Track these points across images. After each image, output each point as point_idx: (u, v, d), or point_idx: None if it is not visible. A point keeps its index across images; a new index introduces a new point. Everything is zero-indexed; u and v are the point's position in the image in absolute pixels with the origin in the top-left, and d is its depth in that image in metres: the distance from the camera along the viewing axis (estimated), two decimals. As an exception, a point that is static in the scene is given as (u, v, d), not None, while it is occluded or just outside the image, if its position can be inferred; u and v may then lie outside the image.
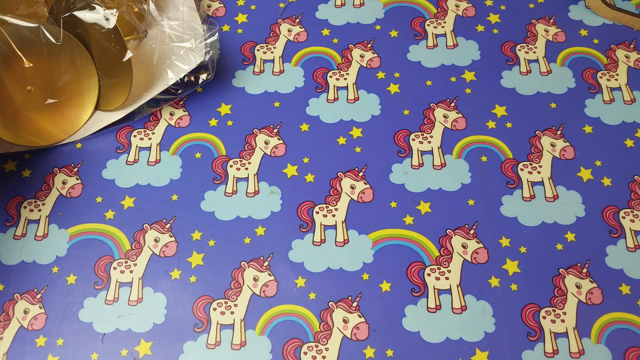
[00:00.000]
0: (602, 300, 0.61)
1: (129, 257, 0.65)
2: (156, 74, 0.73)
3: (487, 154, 0.70)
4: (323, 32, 0.80)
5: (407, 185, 0.69)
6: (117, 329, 0.61)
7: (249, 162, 0.71)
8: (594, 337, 0.59)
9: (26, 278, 0.64)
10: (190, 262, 0.65)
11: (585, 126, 0.72)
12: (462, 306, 0.61)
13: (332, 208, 0.67)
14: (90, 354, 0.60)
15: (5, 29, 0.66)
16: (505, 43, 0.79)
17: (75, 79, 0.71)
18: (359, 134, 0.72)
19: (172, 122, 0.74)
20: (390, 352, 0.59)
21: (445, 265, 0.63)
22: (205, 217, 0.67)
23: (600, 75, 0.76)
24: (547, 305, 0.61)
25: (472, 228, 0.66)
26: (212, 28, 0.73)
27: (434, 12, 0.82)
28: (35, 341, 0.61)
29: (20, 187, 0.70)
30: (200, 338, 0.61)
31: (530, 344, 0.59)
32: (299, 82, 0.76)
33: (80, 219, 0.67)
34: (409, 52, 0.79)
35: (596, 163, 0.69)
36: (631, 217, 0.66)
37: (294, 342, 0.60)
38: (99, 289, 0.63)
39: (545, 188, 0.68)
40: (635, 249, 0.64)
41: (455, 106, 0.74)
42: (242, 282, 0.63)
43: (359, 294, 0.62)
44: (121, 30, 0.67)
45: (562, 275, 0.63)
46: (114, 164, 0.71)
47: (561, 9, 0.81)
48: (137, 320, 0.62)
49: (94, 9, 0.67)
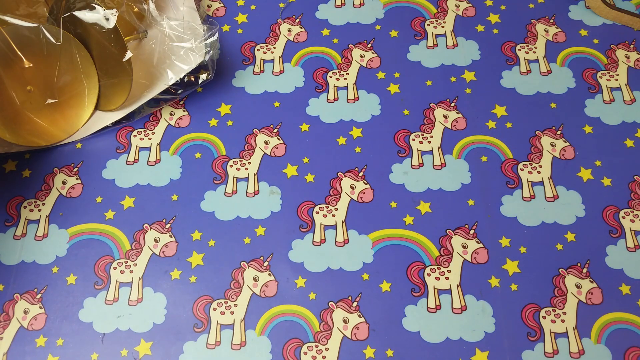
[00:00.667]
0: (602, 300, 0.61)
1: (129, 257, 0.65)
2: (156, 74, 0.73)
3: (487, 154, 0.70)
4: (323, 32, 0.81)
5: (407, 185, 0.69)
6: (117, 329, 0.61)
7: (249, 162, 0.71)
8: (594, 337, 0.59)
9: (26, 278, 0.64)
10: (190, 262, 0.65)
11: (585, 126, 0.72)
12: (462, 306, 0.61)
13: (332, 208, 0.67)
14: (90, 354, 0.60)
15: (5, 29, 0.66)
16: (505, 43, 0.79)
17: (75, 79, 0.71)
18: (359, 134, 0.72)
19: (172, 122, 0.74)
20: (390, 352, 0.59)
21: (445, 265, 0.63)
22: (205, 217, 0.67)
23: (600, 75, 0.76)
24: (547, 305, 0.61)
25: (472, 228, 0.66)
26: (212, 28, 0.73)
27: (434, 12, 0.82)
28: (35, 341, 0.61)
29: (20, 187, 0.70)
30: (200, 338, 0.61)
31: (530, 344, 0.59)
32: (299, 82, 0.77)
33: (80, 219, 0.67)
34: (409, 52, 0.79)
35: (596, 163, 0.69)
36: (631, 217, 0.66)
37: (294, 342, 0.60)
38: (99, 289, 0.63)
39: (545, 188, 0.68)
40: (635, 249, 0.64)
41: (455, 106, 0.74)
42: (242, 282, 0.63)
43: (359, 294, 0.62)
44: (121, 30, 0.67)
45: (562, 275, 0.63)
46: (114, 164, 0.71)
47: (561, 9, 0.81)
48: (137, 320, 0.62)
49: (94, 9, 0.67)
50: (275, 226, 0.66)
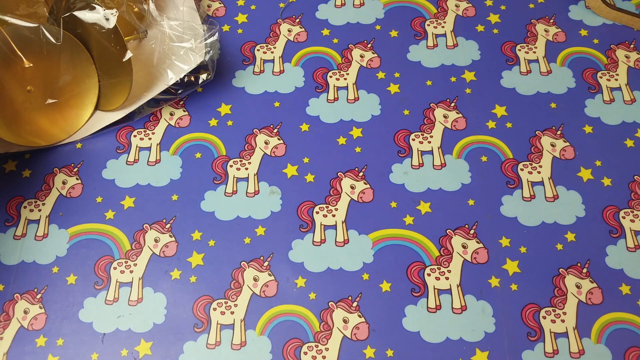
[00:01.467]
0: (602, 300, 0.61)
1: (129, 257, 0.65)
2: (156, 74, 0.73)
3: (487, 154, 0.70)
4: (323, 32, 0.80)
5: (407, 185, 0.69)
6: (117, 329, 0.61)
7: (249, 162, 0.71)
8: (594, 337, 0.59)
9: (26, 278, 0.64)
10: (190, 262, 0.65)
11: (585, 126, 0.72)
12: (462, 306, 0.61)
13: (332, 208, 0.67)
14: (90, 354, 0.60)
15: (5, 29, 0.66)
16: (505, 43, 0.79)
17: (75, 79, 0.71)
18: (359, 134, 0.72)
19: (172, 122, 0.74)
20: (390, 352, 0.59)
21: (445, 265, 0.63)
22: (205, 217, 0.67)
23: (600, 75, 0.76)
24: (547, 305, 0.61)
25: (472, 228, 0.66)
26: (212, 28, 0.73)
27: (434, 12, 0.82)
28: (35, 341, 0.61)
29: (20, 187, 0.70)
30: (200, 338, 0.61)
31: (530, 344, 0.59)
32: (299, 82, 0.76)
33: (80, 219, 0.67)
34: (409, 52, 0.79)
35: (596, 163, 0.69)
36: (631, 217, 0.66)
37: (294, 342, 0.60)
38: (99, 289, 0.63)
39: (545, 188, 0.68)
40: (635, 249, 0.64)
41: (455, 106, 0.74)
42: (242, 282, 0.63)
43: (359, 294, 0.62)
44: (121, 30, 0.67)
45: (562, 275, 0.63)
46: (114, 164, 0.71)
47: (561, 9, 0.81)
48: (137, 320, 0.62)
49: (94, 9, 0.67)
50: (275, 226, 0.66)
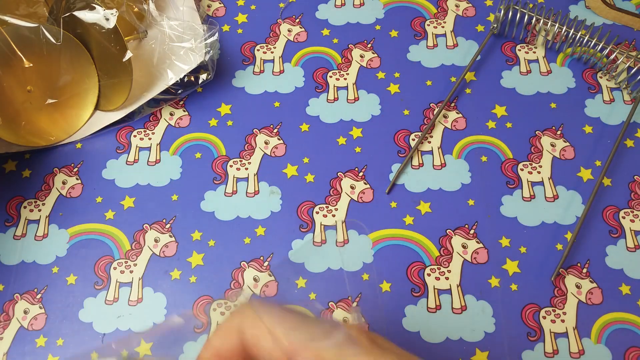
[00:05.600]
0: (602, 300, 0.61)
1: (129, 257, 0.65)
2: (156, 74, 0.73)
3: (487, 154, 0.70)
4: (323, 32, 0.80)
5: (407, 185, 0.69)
6: (117, 329, 0.61)
7: (249, 162, 0.71)
8: (594, 337, 0.59)
9: (26, 278, 0.64)
10: (190, 262, 0.65)
11: (585, 126, 0.72)
12: (462, 306, 0.61)
13: (332, 208, 0.67)
14: (90, 354, 0.60)
15: (5, 29, 0.66)
16: (505, 43, 0.79)
17: (75, 79, 0.71)
18: (359, 134, 0.72)
19: (172, 122, 0.74)
20: (390, 352, 0.59)
21: (445, 265, 0.63)
22: (205, 217, 0.67)
23: (600, 75, 0.76)
24: (547, 305, 0.61)
25: (472, 228, 0.66)
26: (212, 28, 0.73)
27: (434, 12, 0.82)
28: (35, 341, 0.61)
29: (20, 187, 0.70)
30: (201, 338, 0.61)
31: (530, 344, 0.59)
32: (299, 82, 0.76)
33: (80, 219, 0.67)
34: (409, 52, 0.79)
35: (596, 163, 0.69)
36: (631, 217, 0.66)
37: (294, 342, 0.60)
38: (99, 289, 0.63)
39: (545, 188, 0.68)
40: (635, 249, 0.64)
41: (455, 106, 0.74)
42: (242, 282, 0.63)
43: (359, 294, 0.62)
44: (121, 30, 0.67)
45: (562, 276, 0.63)
46: (114, 164, 0.71)
47: (561, 9, 0.81)
48: (137, 321, 0.62)
49: (94, 9, 0.67)
50: (275, 226, 0.66)
